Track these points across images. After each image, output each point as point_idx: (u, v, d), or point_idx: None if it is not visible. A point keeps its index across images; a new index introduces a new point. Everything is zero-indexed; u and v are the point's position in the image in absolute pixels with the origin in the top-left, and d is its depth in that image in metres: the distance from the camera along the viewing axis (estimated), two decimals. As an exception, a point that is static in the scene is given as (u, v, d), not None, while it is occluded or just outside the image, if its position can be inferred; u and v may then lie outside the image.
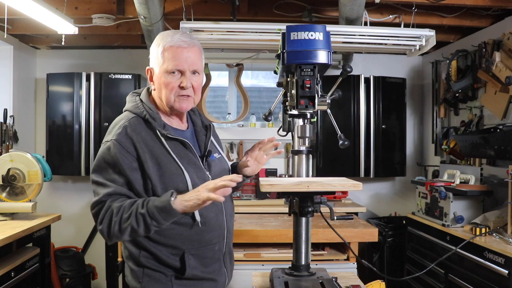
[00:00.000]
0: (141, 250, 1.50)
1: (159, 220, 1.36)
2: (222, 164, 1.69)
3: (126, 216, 1.37)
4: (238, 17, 3.34)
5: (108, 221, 1.40)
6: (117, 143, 1.44)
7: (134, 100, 1.58)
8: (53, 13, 2.79)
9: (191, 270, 1.50)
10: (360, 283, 1.82)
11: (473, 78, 3.53)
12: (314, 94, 1.54)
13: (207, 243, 1.54)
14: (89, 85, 4.01)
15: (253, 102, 4.55)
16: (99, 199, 1.44)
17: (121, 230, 1.38)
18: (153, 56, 1.55)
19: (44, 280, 2.98)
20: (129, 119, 1.51)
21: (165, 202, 1.35)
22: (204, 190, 1.34)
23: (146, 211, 1.36)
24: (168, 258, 1.49)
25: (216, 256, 1.58)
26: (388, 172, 4.28)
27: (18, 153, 2.87)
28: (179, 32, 1.55)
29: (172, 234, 1.48)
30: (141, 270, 1.50)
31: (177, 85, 1.51)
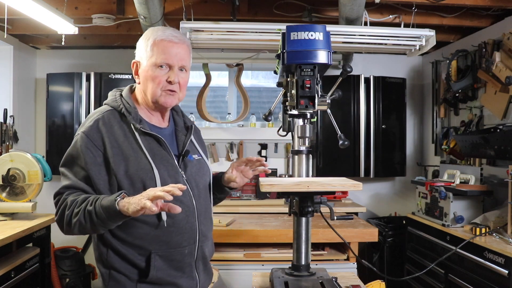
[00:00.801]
0: (109, 249, 1.46)
1: (104, 219, 1.32)
2: (201, 166, 1.64)
3: (76, 211, 1.35)
4: (238, 17, 3.34)
5: (61, 214, 1.39)
6: (85, 136, 1.43)
7: (114, 94, 1.57)
8: (53, 13, 2.79)
9: (156, 272, 1.45)
10: (360, 283, 1.82)
11: (473, 78, 3.53)
12: (314, 94, 1.54)
13: (176, 246, 1.49)
14: (89, 85, 4.01)
15: (253, 102, 4.55)
16: (58, 190, 1.43)
17: (71, 224, 1.37)
18: (140, 49, 1.53)
19: (44, 280, 2.98)
20: (103, 112, 1.50)
21: (110, 202, 1.30)
22: (145, 197, 1.26)
23: (93, 209, 1.32)
24: (135, 258, 1.45)
25: (185, 260, 1.52)
26: (388, 172, 4.28)
27: (18, 153, 2.87)
28: (170, 28, 1.54)
29: (139, 234, 1.45)
30: (107, 272, 1.46)
31: (165, 79, 1.49)
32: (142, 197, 1.27)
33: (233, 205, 3.69)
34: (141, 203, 1.24)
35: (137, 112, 1.51)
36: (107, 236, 1.45)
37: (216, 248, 2.75)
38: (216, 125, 4.49)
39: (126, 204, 1.29)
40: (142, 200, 1.25)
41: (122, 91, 1.58)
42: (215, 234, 2.71)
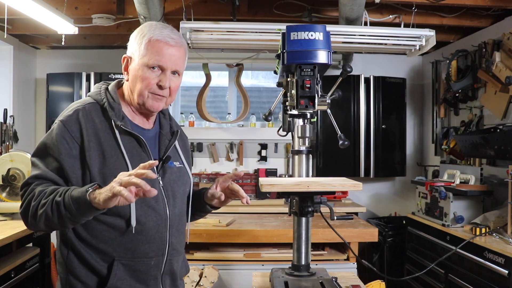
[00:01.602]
0: (69, 250, 1.36)
1: (73, 212, 1.20)
2: (182, 174, 1.53)
3: (43, 202, 1.25)
4: (238, 17, 3.34)
5: (27, 205, 1.29)
6: (62, 125, 1.35)
7: (99, 87, 1.48)
8: (53, 13, 2.79)
9: (116, 281, 1.35)
10: (360, 283, 1.82)
11: (473, 78, 3.53)
12: (314, 94, 1.54)
13: (142, 255, 1.38)
14: (89, 85, 4.01)
15: (253, 102, 4.55)
16: (26, 180, 1.34)
17: (36, 216, 1.26)
18: (133, 45, 1.42)
19: (44, 280, 2.98)
20: (85, 103, 1.41)
21: (81, 193, 1.19)
22: (117, 184, 1.14)
23: (62, 200, 1.22)
24: (97, 264, 1.35)
25: (151, 272, 1.41)
26: (388, 172, 4.29)
27: (18, 153, 2.87)
28: (168, 28, 1.44)
29: (104, 237, 1.35)
30: (65, 277, 1.37)
31: (155, 82, 1.40)
32: (114, 183, 1.15)
33: (233, 205, 3.68)
34: (114, 190, 1.13)
35: (120, 109, 1.42)
36: (70, 236, 1.36)
37: (216, 248, 2.78)
38: (216, 125, 4.49)
39: (97, 195, 1.17)
40: (114, 187, 1.13)
41: (108, 85, 1.50)
42: (215, 234, 2.73)
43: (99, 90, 1.46)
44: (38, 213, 1.25)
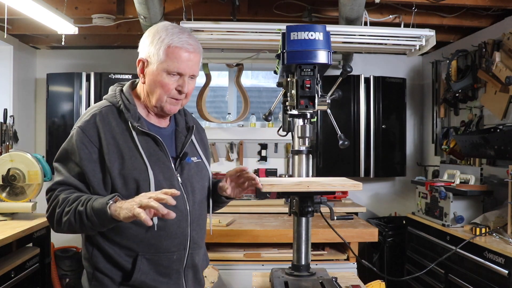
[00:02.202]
0: (94, 248, 1.42)
1: (94, 222, 1.28)
2: (200, 169, 1.57)
3: (67, 210, 1.31)
4: (238, 17, 3.34)
5: (52, 211, 1.36)
6: (80, 131, 1.39)
7: (114, 90, 1.52)
8: (53, 13, 2.79)
9: (140, 275, 1.40)
10: (360, 283, 1.82)
11: (473, 78, 3.53)
12: (314, 94, 1.54)
13: (165, 250, 1.44)
14: (89, 85, 4.01)
15: (253, 102, 4.55)
16: (50, 186, 1.40)
17: (60, 223, 1.33)
18: (150, 48, 1.44)
19: (44, 280, 2.98)
20: (101, 107, 1.45)
21: (102, 205, 1.26)
22: (137, 205, 1.22)
23: (84, 210, 1.29)
24: (121, 259, 1.41)
25: (173, 266, 1.46)
26: (388, 172, 4.29)
27: (18, 153, 2.87)
28: (185, 32, 1.46)
29: (128, 234, 1.40)
30: (91, 272, 1.43)
31: (174, 87, 1.44)
32: (134, 204, 1.23)
33: (233, 205, 3.69)
34: (134, 211, 1.21)
35: (136, 110, 1.46)
36: (94, 235, 1.42)
37: (216, 248, 2.77)
38: (216, 125, 4.49)
39: (118, 209, 1.25)
40: (135, 208, 1.21)
41: (123, 86, 1.53)
42: (215, 234, 2.72)
43: (114, 92, 1.50)
44: (62, 220, 1.33)
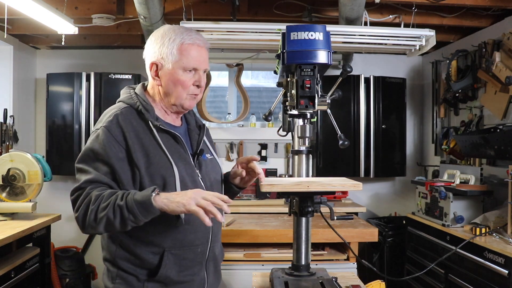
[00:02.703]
0: (117, 247, 1.45)
1: (137, 214, 1.29)
2: (214, 165, 1.65)
3: (103, 206, 1.31)
4: (238, 17, 3.34)
5: (85, 209, 1.33)
6: (106, 130, 1.40)
7: (129, 92, 1.55)
8: (53, 13, 2.79)
9: (166, 270, 1.43)
10: (360, 283, 1.82)
11: (473, 78, 3.53)
12: (314, 94, 1.54)
13: (189, 244, 1.48)
14: (89, 85, 4.01)
15: (253, 102, 4.55)
16: (79, 185, 1.38)
17: (96, 219, 1.32)
18: (162, 50, 1.49)
19: (44, 280, 2.98)
20: (121, 108, 1.48)
21: (146, 197, 1.29)
22: (193, 202, 1.27)
23: (124, 203, 1.29)
24: (146, 256, 1.43)
25: (197, 259, 1.52)
26: (388, 172, 4.29)
27: (18, 153, 2.87)
28: (192, 30, 1.53)
29: (155, 231, 1.43)
30: (115, 271, 1.45)
31: (191, 83, 1.50)
32: (190, 200, 1.28)
33: (233, 205, 3.67)
34: (190, 207, 1.27)
35: (153, 110, 1.51)
36: (118, 234, 1.43)
37: (216, 248, 2.77)
38: (216, 125, 4.49)
39: (165, 200, 1.29)
40: (192, 205, 1.27)
41: (135, 89, 1.57)
42: (215, 234, 2.72)
43: (130, 94, 1.54)
44: (98, 216, 1.32)
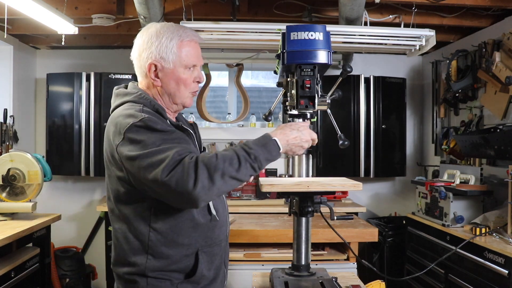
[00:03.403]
0: (149, 257, 1.38)
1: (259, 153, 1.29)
2: None
3: (235, 166, 1.26)
4: (238, 17, 3.34)
5: (207, 174, 1.23)
6: (150, 116, 1.33)
7: (136, 91, 1.46)
8: (53, 13, 2.79)
9: (202, 270, 1.41)
10: (360, 283, 1.82)
11: (473, 78, 3.53)
12: (314, 94, 1.54)
13: (217, 240, 1.48)
14: (89, 85, 4.00)
15: (253, 102, 4.55)
16: (172, 158, 1.23)
17: (229, 176, 1.26)
18: (161, 49, 1.44)
19: (44, 280, 2.98)
20: (142, 106, 1.39)
21: (263, 137, 1.34)
22: (308, 133, 1.39)
23: (242, 148, 1.29)
24: (181, 259, 1.40)
25: (221, 254, 1.52)
26: (388, 172, 4.28)
27: (18, 153, 2.87)
28: (184, 27, 1.51)
29: (188, 231, 1.40)
30: (145, 281, 1.38)
31: (192, 80, 1.49)
32: (302, 134, 1.39)
33: (233, 205, 3.69)
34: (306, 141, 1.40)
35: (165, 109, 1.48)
36: (150, 244, 1.37)
37: (216, 248, 2.78)
38: (216, 125, 4.49)
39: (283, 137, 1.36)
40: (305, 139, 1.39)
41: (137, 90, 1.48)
42: (215, 234, 2.72)
43: (139, 94, 1.45)
44: (232, 174, 1.26)
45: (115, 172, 1.39)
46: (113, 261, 1.49)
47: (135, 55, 1.51)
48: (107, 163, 1.45)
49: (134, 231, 1.39)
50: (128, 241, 1.40)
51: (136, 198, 1.38)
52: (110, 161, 1.41)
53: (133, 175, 1.32)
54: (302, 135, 1.39)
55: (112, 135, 1.38)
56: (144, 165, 1.26)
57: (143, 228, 1.38)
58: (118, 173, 1.38)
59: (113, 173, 1.41)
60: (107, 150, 1.42)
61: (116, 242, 1.46)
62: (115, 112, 1.45)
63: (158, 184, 1.24)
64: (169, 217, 1.38)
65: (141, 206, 1.38)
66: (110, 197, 1.46)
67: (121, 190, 1.39)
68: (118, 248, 1.44)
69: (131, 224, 1.40)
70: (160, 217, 1.38)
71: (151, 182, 1.26)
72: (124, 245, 1.42)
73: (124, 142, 1.31)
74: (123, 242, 1.42)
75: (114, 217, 1.46)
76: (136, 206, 1.39)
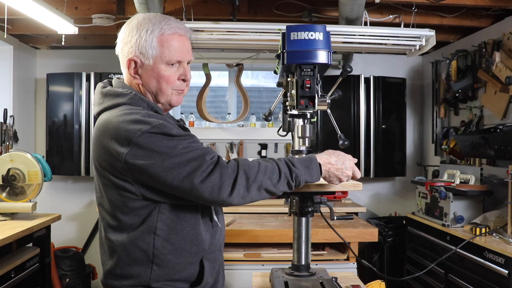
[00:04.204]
0: (154, 267, 1.31)
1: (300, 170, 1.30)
2: None
3: (274, 181, 1.26)
4: (238, 17, 3.34)
5: (245, 183, 1.23)
6: (164, 122, 1.25)
7: (128, 93, 1.35)
8: (53, 13, 2.79)
9: (207, 277, 1.37)
10: (360, 283, 1.82)
11: (473, 78, 3.53)
12: (314, 94, 1.54)
13: (218, 245, 1.44)
14: (89, 85, 4.01)
15: (253, 102, 4.55)
16: (206, 162, 1.21)
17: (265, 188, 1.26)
18: (139, 44, 1.33)
19: (44, 280, 2.98)
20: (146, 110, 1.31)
21: (308, 157, 1.34)
22: (349, 167, 1.38)
23: (285, 163, 1.30)
24: (184, 267, 1.34)
25: (220, 259, 1.48)
26: (388, 172, 4.28)
27: (18, 153, 2.87)
28: (170, 18, 1.37)
29: (195, 239, 1.35)
30: None
31: (176, 78, 1.36)
32: (345, 167, 1.38)
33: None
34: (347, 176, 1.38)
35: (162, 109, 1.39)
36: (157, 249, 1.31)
37: (216, 248, 2.77)
38: (216, 125, 4.49)
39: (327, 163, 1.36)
40: (347, 172, 1.38)
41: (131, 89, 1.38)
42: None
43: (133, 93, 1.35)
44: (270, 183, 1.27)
45: (114, 181, 1.29)
46: (107, 273, 1.37)
47: (118, 49, 1.42)
48: (99, 171, 1.33)
49: (137, 240, 1.30)
50: (128, 252, 1.31)
51: (141, 207, 1.30)
52: (107, 170, 1.29)
53: (151, 183, 1.26)
54: (345, 168, 1.39)
55: (110, 143, 1.26)
56: (170, 171, 1.21)
57: (147, 236, 1.30)
58: (120, 183, 1.28)
59: (111, 182, 1.30)
60: (101, 158, 1.30)
61: (110, 254, 1.35)
62: (106, 116, 1.32)
63: (190, 190, 1.22)
64: (176, 224, 1.32)
65: (146, 214, 1.30)
66: (105, 206, 1.35)
67: (123, 200, 1.30)
68: (114, 260, 1.34)
69: (134, 233, 1.31)
70: (167, 224, 1.32)
71: (180, 187, 1.22)
72: (123, 257, 1.32)
73: (135, 151, 1.22)
74: (122, 254, 1.32)
75: (109, 228, 1.35)
76: (141, 214, 1.30)
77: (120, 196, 1.30)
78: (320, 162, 1.35)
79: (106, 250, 1.38)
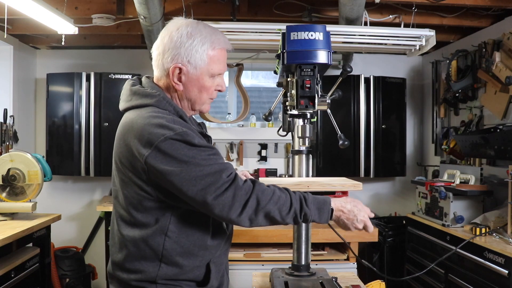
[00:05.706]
0: (161, 264, 1.34)
1: (311, 208, 1.32)
2: None
3: (283, 213, 1.30)
4: (238, 17, 3.34)
5: (255, 207, 1.28)
6: (187, 130, 1.27)
7: (157, 95, 1.36)
8: (53, 13, 2.79)
9: (213, 280, 1.39)
10: (360, 283, 1.82)
11: (473, 78, 3.53)
12: (314, 94, 1.54)
13: (224, 249, 1.48)
14: (89, 85, 4.00)
15: (253, 102, 4.55)
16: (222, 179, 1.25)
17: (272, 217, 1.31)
18: (191, 53, 1.34)
19: (44, 280, 2.98)
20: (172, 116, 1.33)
21: (323, 198, 1.35)
22: (361, 220, 1.38)
23: (300, 197, 1.32)
24: (192, 269, 1.37)
25: (225, 261, 1.51)
26: (388, 172, 4.28)
27: (18, 153, 2.87)
28: (216, 30, 1.41)
29: (204, 243, 1.38)
30: (155, 287, 1.35)
31: (214, 88, 1.42)
32: (360, 217, 1.39)
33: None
34: (357, 226, 1.40)
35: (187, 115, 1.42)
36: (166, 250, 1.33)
37: (216, 248, 2.77)
38: (216, 125, 4.49)
39: (339, 211, 1.37)
40: (358, 223, 1.39)
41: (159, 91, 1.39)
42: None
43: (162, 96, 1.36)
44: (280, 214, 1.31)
45: (133, 179, 1.32)
46: (115, 265, 1.41)
47: (159, 50, 1.39)
48: (119, 167, 1.36)
49: (148, 239, 1.33)
50: (138, 248, 1.35)
51: (155, 207, 1.33)
52: (127, 168, 1.32)
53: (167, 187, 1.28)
54: (355, 220, 1.40)
55: (133, 143, 1.29)
56: (186, 182, 1.24)
57: (158, 236, 1.33)
58: (138, 182, 1.31)
59: (130, 179, 1.33)
60: (123, 155, 1.33)
61: (120, 247, 1.39)
62: (133, 114, 1.35)
63: (202, 204, 1.25)
64: (187, 228, 1.36)
65: (159, 215, 1.33)
66: (120, 200, 1.38)
67: (138, 198, 1.33)
68: (124, 254, 1.37)
69: (145, 231, 1.34)
70: (178, 227, 1.35)
71: (193, 199, 1.26)
72: (133, 252, 1.35)
73: (156, 155, 1.24)
74: (132, 249, 1.35)
75: (123, 223, 1.38)
76: (154, 214, 1.33)
77: (136, 194, 1.33)
78: (333, 207, 1.37)
79: (116, 242, 1.41)
